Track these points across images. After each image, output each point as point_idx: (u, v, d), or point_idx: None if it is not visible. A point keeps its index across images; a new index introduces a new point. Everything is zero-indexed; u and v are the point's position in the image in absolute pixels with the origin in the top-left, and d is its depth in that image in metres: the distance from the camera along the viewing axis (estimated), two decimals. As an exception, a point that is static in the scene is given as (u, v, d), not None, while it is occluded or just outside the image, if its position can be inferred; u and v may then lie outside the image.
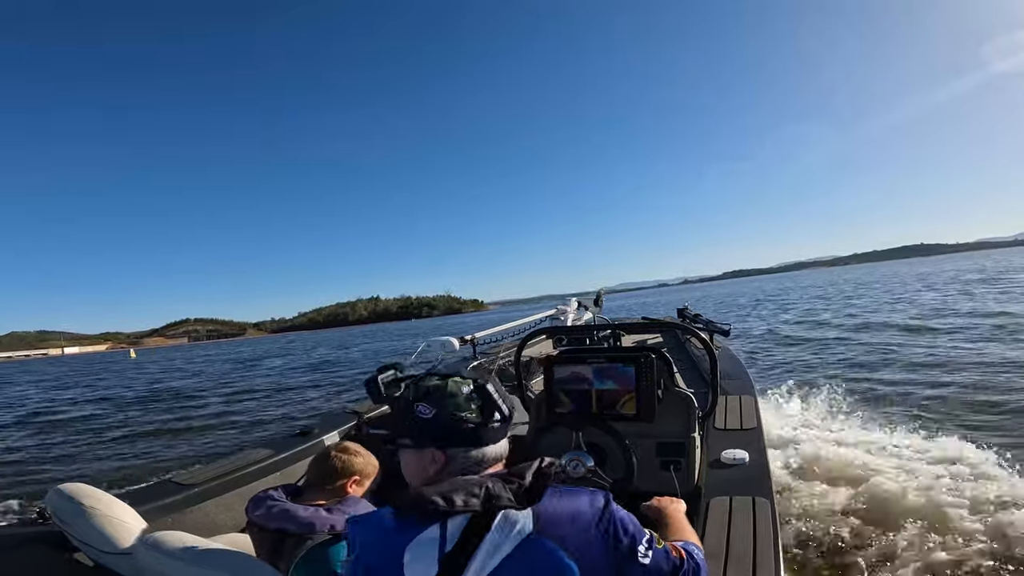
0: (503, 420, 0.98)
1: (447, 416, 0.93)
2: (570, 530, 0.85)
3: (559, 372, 2.13)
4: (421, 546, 0.84)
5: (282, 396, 12.72)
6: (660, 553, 0.95)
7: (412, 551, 0.84)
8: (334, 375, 16.66)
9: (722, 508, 1.52)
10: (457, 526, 0.85)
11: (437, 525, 0.85)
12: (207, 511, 2.12)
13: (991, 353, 8.13)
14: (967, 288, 20.87)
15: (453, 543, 0.84)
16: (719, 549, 1.32)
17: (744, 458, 1.84)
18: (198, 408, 11.90)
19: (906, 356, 8.76)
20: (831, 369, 8.59)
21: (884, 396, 6.38)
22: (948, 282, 25.86)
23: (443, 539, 0.84)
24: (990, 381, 6.48)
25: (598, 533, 0.87)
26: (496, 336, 3.64)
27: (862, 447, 4.39)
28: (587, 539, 0.86)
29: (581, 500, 0.90)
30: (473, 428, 0.94)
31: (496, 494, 0.86)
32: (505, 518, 0.85)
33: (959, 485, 3.49)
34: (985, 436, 4.55)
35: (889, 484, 3.62)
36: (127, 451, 7.97)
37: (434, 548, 0.84)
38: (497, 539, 0.83)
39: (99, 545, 1.48)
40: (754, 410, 2.36)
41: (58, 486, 1.63)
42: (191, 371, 25.53)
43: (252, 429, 8.78)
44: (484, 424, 0.95)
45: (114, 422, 10.87)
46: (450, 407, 0.93)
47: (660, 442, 2.02)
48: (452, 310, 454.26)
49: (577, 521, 0.86)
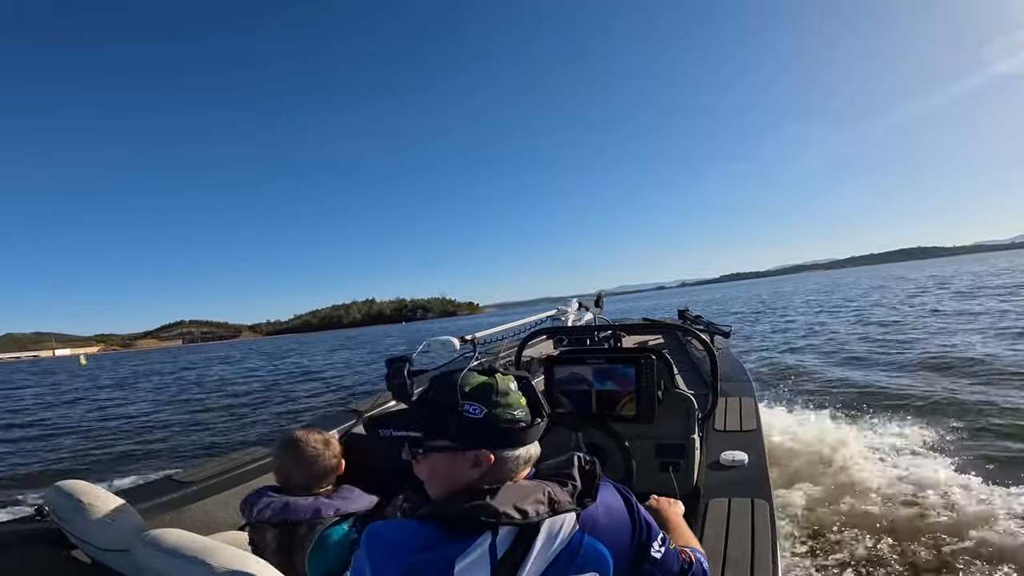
0: (543, 419, 0.93)
1: (499, 415, 0.87)
2: (606, 522, 0.86)
3: (559, 372, 2.13)
4: (473, 558, 0.78)
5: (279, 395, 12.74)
6: (672, 553, 0.96)
7: (462, 564, 0.77)
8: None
9: (721, 509, 1.52)
10: (508, 534, 0.80)
11: (489, 534, 0.79)
12: (206, 509, 2.12)
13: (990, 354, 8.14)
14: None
15: (503, 551, 0.79)
16: (717, 550, 1.32)
17: (743, 460, 1.84)
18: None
19: (904, 358, 8.78)
20: (829, 373, 8.59)
21: (883, 400, 6.38)
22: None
23: (494, 548, 0.79)
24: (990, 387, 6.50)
25: (626, 523, 0.89)
26: (497, 336, 3.63)
27: (861, 450, 4.41)
28: (618, 529, 0.88)
29: (610, 491, 0.91)
30: (524, 428, 0.89)
31: (558, 499, 0.82)
32: (556, 520, 0.83)
33: (954, 487, 3.51)
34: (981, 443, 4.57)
35: (887, 488, 3.63)
36: (125, 448, 7.98)
37: (486, 560, 0.78)
38: (547, 542, 0.81)
39: (97, 542, 1.47)
40: (754, 412, 2.36)
41: (57, 483, 1.63)
42: (132, 386, 20.33)
43: (251, 428, 8.79)
44: (532, 424, 0.90)
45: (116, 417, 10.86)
46: (502, 405, 0.88)
47: (660, 443, 2.02)
48: (447, 313, 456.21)
49: (611, 512, 0.88)
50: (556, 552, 0.81)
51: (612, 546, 0.85)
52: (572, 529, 0.83)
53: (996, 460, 4.09)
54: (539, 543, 0.80)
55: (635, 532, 0.89)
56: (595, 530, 0.85)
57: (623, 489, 0.95)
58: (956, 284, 26.26)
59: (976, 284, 24.46)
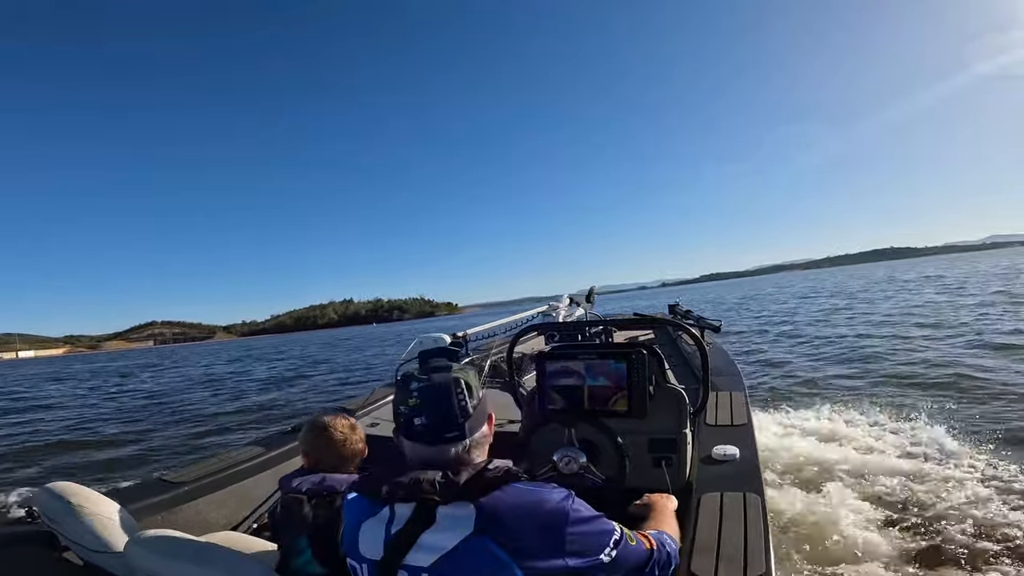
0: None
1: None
2: (517, 529, 0.84)
3: (551, 368, 2.13)
4: (371, 527, 0.91)
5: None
6: (628, 549, 0.96)
7: (365, 529, 0.92)
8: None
9: (713, 504, 1.53)
10: (403, 514, 0.88)
11: (387, 508, 0.90)
12: (198, 509, 2.11)
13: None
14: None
15: (397, 530, 0.88)
16: (710, 544, 1.32)
17: (735, 454, 1.86)
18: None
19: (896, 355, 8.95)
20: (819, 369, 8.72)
21: (869, 393, 6.50)
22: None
23: (390, 523, 0.88)
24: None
25: (550, 532, 0.86)
26: (488, 333, 3.64)
27: (850, 442, 4.48)
28: (538, 538, 0.85)
29: (536, 498, 0.89)
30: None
31: (420, 487, 0.87)
32: (449, 513, 0.85)
33: (948, 476, 3.60)
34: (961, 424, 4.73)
35: (880, 478, 3.69)
36: (115, 450, 7.89)
37: (381, 530, 0.89)
38: (438, 533, 0.85)
39: (89, 544, 1.46)
40: (744, 406, 2.38)
41: (47, 484, 1.61)
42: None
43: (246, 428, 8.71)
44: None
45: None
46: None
47: (652, 438, 2.02)
48: (424, 313, 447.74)
49: (527, 519, 0.85)
50: (451, 546, 0.84)
51: (526, 558, 0.84)
52: (469, 527, 0.84)
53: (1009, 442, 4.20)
54: (428, 531, 0.86)
55: (566, 542, 0.87)
56: (500, 535, 0.84)
57: (564, 494, 0.92)
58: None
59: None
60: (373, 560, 0.89)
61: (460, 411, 0.94)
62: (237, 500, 2.25)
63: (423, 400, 0.93)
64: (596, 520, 0.93)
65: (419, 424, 0.93)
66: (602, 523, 0.94)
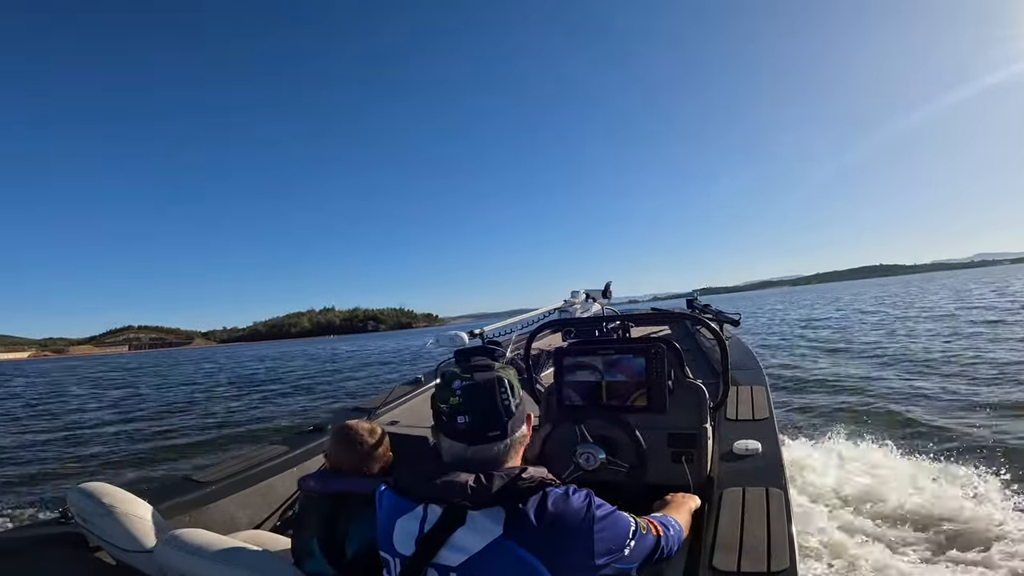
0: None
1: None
2: (546, 534, 0.85)
3: (568, 364, 2.13)
4: (405, 524, 0.92)
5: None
6: (642, 539, 0.98)
7: (399, 526, 0.93)
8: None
9: (735, 499, 1.52)
10: (435, 513, 0.89)
11: (421, 507, 0.91)
12: (225, 508, 2.15)
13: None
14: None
15: (429, 528, 0.89)
16: (733, 540, 1.31)
17: (757, 448, 1.83)
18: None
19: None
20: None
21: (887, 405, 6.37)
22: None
23: (423, 522, 0.89)
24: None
25: (580, 536, 0.87)
26: (505, 330, 3.64)
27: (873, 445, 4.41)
28: (567, 542, 0.86)
29: (564, 504, 0.89)
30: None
31: (452, 491, 0.88)
32: (480, 516, 0.86)
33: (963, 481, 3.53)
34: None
35: (901, 478, 3.62)
36: (144, 450, 8.06)
37: (415, 528, 0.90)
38: (467, 535, 0.85)
39: (121, 543, 1.50)
40: (766, 400, 2.34)
41: (79, 485, 1.66)
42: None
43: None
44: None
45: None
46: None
47: (671, 433, 2.00)
48: (401, 324, 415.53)
49: (556, 525, 0.86)
50: (479, 549, 0.84)
51: (555, 562, 0.85)
52: (497, 531, 0.85)
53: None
54: (457, 533, 0.86)
55: (592, 544, 0.88)
56: (528, 540, 0.84)
57: (586, 497, 0.92)
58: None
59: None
60: (404, 556, 0.90)
61: (504, 410, 0.94)
62: (261, 499, 2.29)
63: (466, 399, 0.93)
64: (616, 515, 0.94)
65: (462, 423, 0.93)
66: (622, 518, 0.96)
